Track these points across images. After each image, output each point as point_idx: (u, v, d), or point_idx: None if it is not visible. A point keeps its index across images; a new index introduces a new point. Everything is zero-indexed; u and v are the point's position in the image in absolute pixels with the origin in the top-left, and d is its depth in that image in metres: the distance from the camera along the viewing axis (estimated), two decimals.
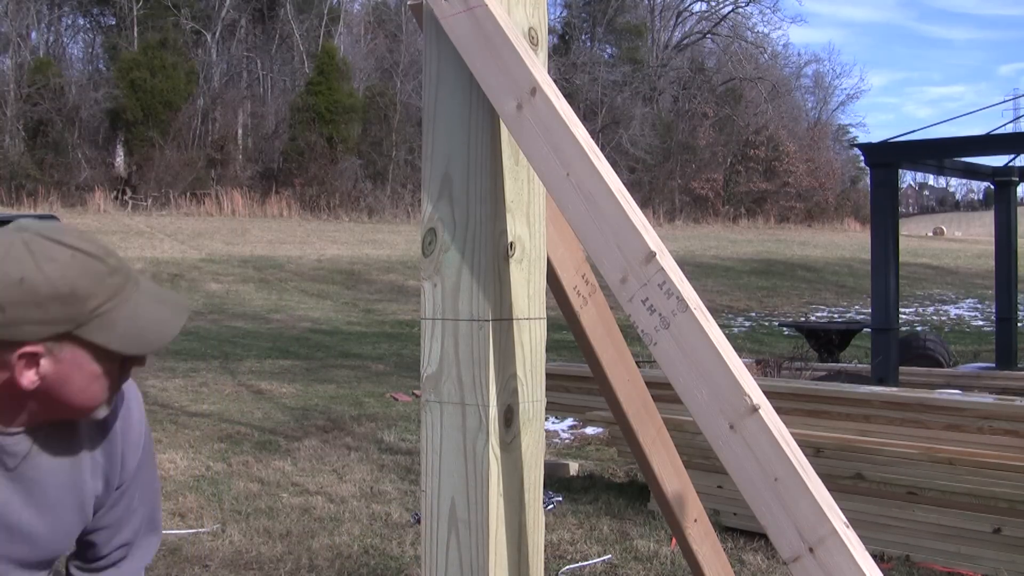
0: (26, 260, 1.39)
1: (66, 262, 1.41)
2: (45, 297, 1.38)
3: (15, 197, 34.06)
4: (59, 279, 1.39)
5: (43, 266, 1.39)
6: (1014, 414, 5.48)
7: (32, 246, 1.40)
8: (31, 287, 1.38)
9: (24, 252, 1.39)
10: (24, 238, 1.41)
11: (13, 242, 1.41)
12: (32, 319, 1.39)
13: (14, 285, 1.37)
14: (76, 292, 1.40)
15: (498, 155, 1.53)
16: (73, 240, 1.44)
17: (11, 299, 1.37)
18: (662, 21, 54.96)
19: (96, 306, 1.42)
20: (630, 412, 1.90)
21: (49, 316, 1.39)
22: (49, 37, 44.40)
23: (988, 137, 10.98)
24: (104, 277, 1.44)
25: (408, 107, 41.94)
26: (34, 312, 1.38)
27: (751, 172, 49.94)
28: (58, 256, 1.41)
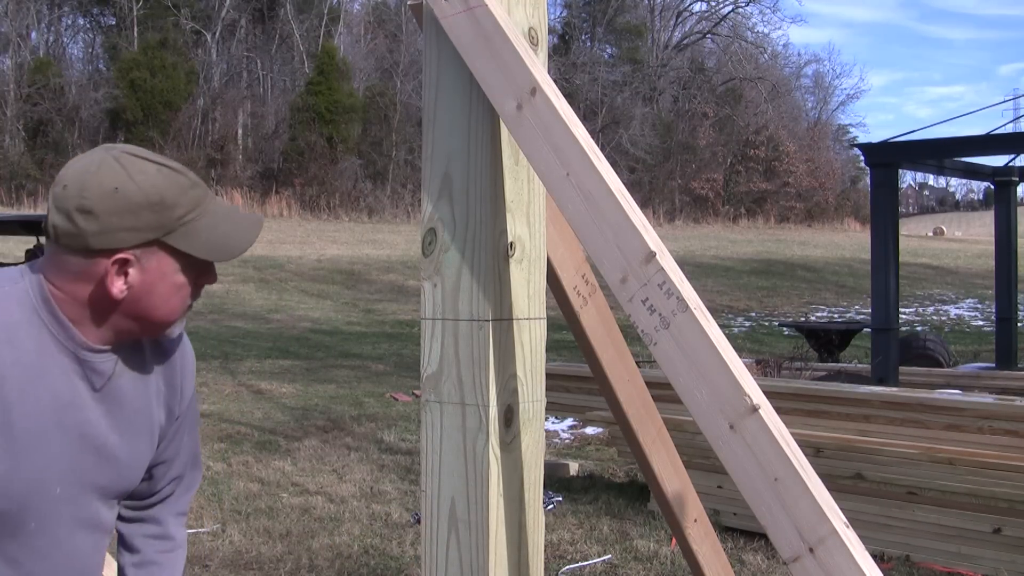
0: (119, 172, 1.49)
1: (154, 174, 1.51)
2: (137, 205, 1.48)
3: (15, 197, 34.05)
4: (150, 188, 1.49)
5: (135, 176, 1.49)
6: (1014, 414, 5.48)
7: (123, 161, 1.51)
8: (124, 195, 1.48)
9: (116, 165, 1.50)
10: (114, 154, 1.52)
11: (104, 158, 1.51)
12: (125, 226, 1.48)
13: (109, 194, 1.47)
14: (165, 200, 1.50)
15: (498, 155, 1.53)
16: (157, 157, 1.55)
17: (106, 207, 1.47)
18: (662, 21, 54.96)
19: (182, 215, 1.52)
20: (630, 412, 1.90)
21: (141, 223, 1.49)
22: (49, 37, 44.41)
23: (988, 137, 10.99)
24: (187, 189, 1.54)
25: (408, 107, 41.94)
26: (127, 219, 1.48)
27: (751, 172, 49.94)
28: (147, 169, 1.51)
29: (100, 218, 1.46)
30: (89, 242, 1.47)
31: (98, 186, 1.47)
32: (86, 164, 1.50)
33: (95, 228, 1.47)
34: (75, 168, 1.51)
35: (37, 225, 11.97)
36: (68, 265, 1.51)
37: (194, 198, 1.54)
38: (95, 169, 1.48)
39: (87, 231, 1.47)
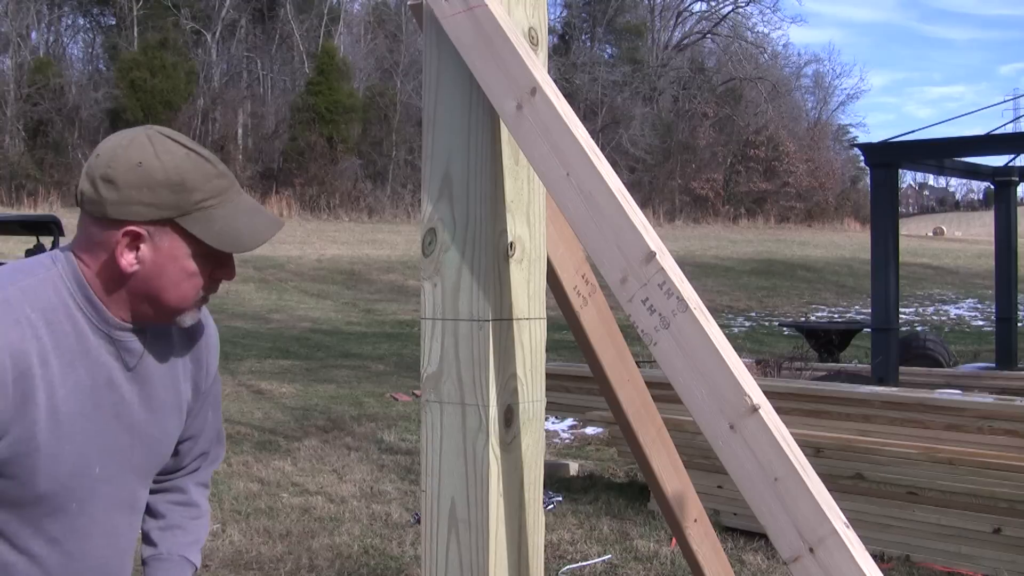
0: (147, 148, 1.54)
1: (182, 156, 1.55)
2: (157, 182, 1.52)
3: (15, 197, 34.07)
4: (172, 168, 1.53)
5: (161, 155, 1.54)
6: (1014, 414, 5.48)
7: (154, 140, 1.56)
8: (147, 171, 1.52)
9: (146, 142, 1.55)
10: (149, 133, 1.57)
11: (138, 135, 1.57)
12: (142, 200, 1.52)
13: (133, 167, 1.52)
14: (185, 182, 1.54)
15: (498, 155, 1.53)
16: (189, 143, 1.59)
17: (127, 180, 1.52)
18: (662, 21, 54.98)
19: (200, 199, 1.55)
20: (630, 412, 1.90)
21: (158, 199, 1.53)
22: (49, 37, 44.42)
23: (988, 137, 10.99)
24: (211, 177, 1.57)
25: (408, 107, 41.95)
26: (145, 194, 1.52)
27: (751, 172, 49.95)
28: (175, 151, 1.55)
29: (120, 189, 1.51)
30: (107, 210, 1.52)
31: (125, 159, 1.52)
32: (121, 138, 1.57)
33: (114, 197, 1.52)
34: (111, 141, 1.57)
35: (37, 225, 11.96)
36: (89, 232, 1.57)
37: (217, 187, 1.57)
38: (127, 143, 1.54)
39: (107, 199, 1.52)
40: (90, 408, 1.58)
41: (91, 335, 1.57)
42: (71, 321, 1.56)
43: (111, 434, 1.62)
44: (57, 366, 1.53)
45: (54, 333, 1.53)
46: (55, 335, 1.53)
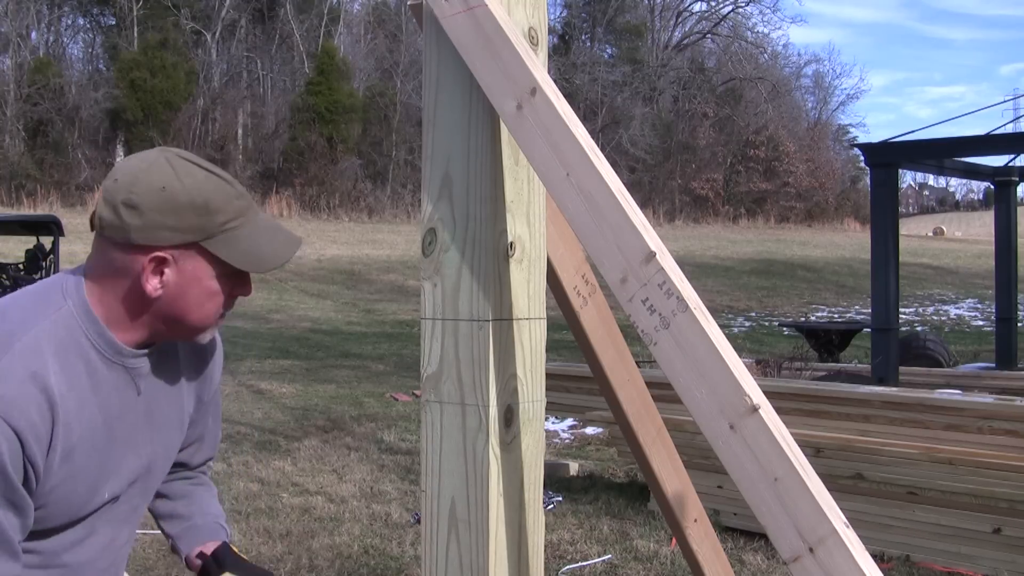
0: (168, 172, 1.54)
1: (203, 179, 1.55)
2: (182, 205, 1.52)
3: (15, 197, 34.06)
4: (196, 191, 1.53)
5: (183, 178, 1.53)
6: (1014, 414, 5.48)
7: (174, 163, 1.55)
8: (171, 195, 1.52)
9: (166, 166, 1.54)
10: (167, 156, 1.57)
11: (157, 158, 1.56)
12: (167, 224, 1.52)
13: (156, 192, 1.51)
14: (209, 205, 1.54)
15: (498, 155, 1.53)
16: (206, 164, 1.59)
17: (151, 204, 1.51)
18: (662, 21, 54.98)
19: (224, 221, 1.56)
20: (630, 412, 1.90)
21: (183, 223, 1.52)
22: (49, 37, 44.41)
23: (988, 137, 10.99)
24: (233, 198, 1.58)
25: (408, 107, 41.95)
26: (170, 218, 1.52)
27: (751, 172, 49.95)
28: (195, 173, 1.55)
29: (144, 214, 1.50)
30: (131, 236, 1.51)
31: (147, 183, 1.51)
32: (139, 162, 1.56)
33: (138, 223, 1.51)
34: (128, 165, 1.56)
35: (37, 225, 11.95)
36: (109, 258, 1.55)
37: (238, 208, 1.58)
38: (146, 167, 1.54)
39: (130, 225, 1.51)
40: (103, 442, 1.59)
41: (102, 368, 1.57)
42: (83, 359, 1.55)
43: (121, 459, 1.64)
44: (73, 408, 1.52)
45: (67, 374, 1.52)
46: (68, 376, 1.52)
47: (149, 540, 5.50)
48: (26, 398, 1.46)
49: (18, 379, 1.46)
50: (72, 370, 1.53)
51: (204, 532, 1.96)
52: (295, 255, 1.69)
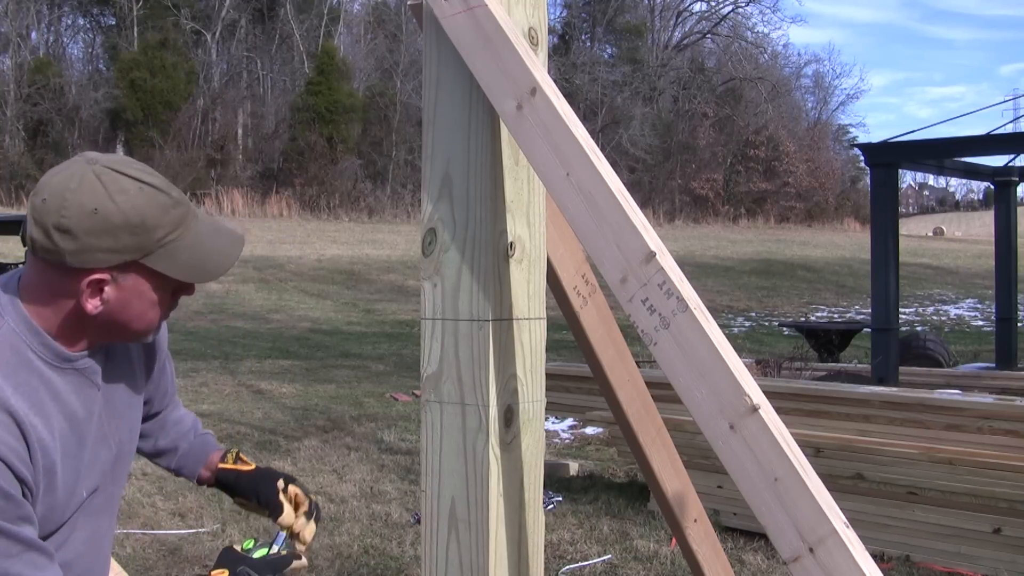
0: (99, 191, 1.46)
1: (136, 193, 1.48)
2: (117, 226, 1.46)
3: (15, 197, 34.05)
4: (130, 209, 1.47)
5: (115, 197, 1.46)
6: (1014, 414, 5.48)
7: (103, 178, 1.47)
8: (104, 216, 1.45)
9: (97, 184, 1.46)
10: (95, 170, 1.48)
11: (85, 174, 1.47)
12: (103, 247, 1.46)
13: (88, 215, 1.44)
14: (145, 222, 1.48)
15: (498, 155, 1.53)
16: (139, 174, 1.51)
17: (85, 227, 1.44)
18: (662, 21, 54.97)
19: (162, 236, 1.50)
20: (630, 412, 1.90)
21: (119, 244, 1.47)
22: (49, 37, 44.42)
23: (988, 137, 10.99)
24: (169, 208, 1.51)
25: (408, 107, 41.95)
26: (106, 240, 1.46)
27: (751, 172, 49.94)
28: (128, 188, 1.48)
29: (78, 238, 1.44)
30: (66, 260, 1.46)
31: (77, 205, 1.44)
32: (66, 178, 1.47)
33: (73, 247, 1.45)
34: (55, 181, 1.47)
35: None
36: (46, 278, 1.50)
37: (175, 218, 1.52)
38: (75, 186, 1.45)
39: (64, 249, 1.45)
40: (75, 447, 1.57)
41: (56, 377, 1.54)
42: (35, 374, 1.51)
43: (94, 456, 1.63)
44: (40, 423, 1.49)
45: (24, 393, 1.49)
46: (26, 395, 1.49)
47: (149, 540, 5.50)
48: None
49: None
50: (27, 387, 1.49)
51: (198, 452, 2.03)
52: (241, 256, 1.65)
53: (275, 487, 1.98)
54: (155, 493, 6.39)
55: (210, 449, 2.05)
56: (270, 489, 1.98)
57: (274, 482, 1.99)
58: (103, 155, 1.53)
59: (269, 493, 1.98)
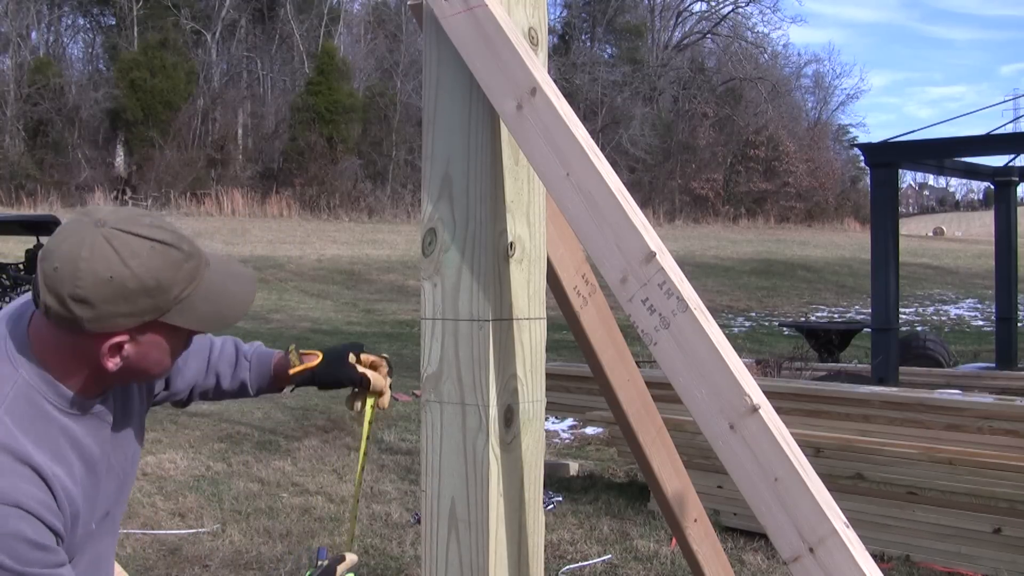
0: (111, 257, 1.44)
1: (148, 255, 1.47)
2: (133, 291, 1.46)
3: (15, 197, 34.06)
4: (145, 273, 1.46)
5: (129, 262, 1.45)
6: (1014, 414, 5.48)
7: (114, 242, 1.45)
8: (120, 283, 1.44)
9: (108, 249, 1.45)
10: (104, 234, 1.46)
11: (95, 239, 1.45)
12: (121, 312, 1.46)
13: (104, 283, 1.44)
14: (161, 284, 1.48)
15: (498, 155, 1.53)
16: (149, 231, 1.49)
17: (101, 295, 1.44)
18: (662, 21, 54.97)
19: (178, 293, 1.50)
20: (630, 412, 1.90)
21: (137, 308, 1.47)
22: (49, 37, 44.42)
23: (988, 137, 10.98)
24: (182, 264, 1.51)
25: (408, 107, 41.95)
26: (123, 306, 1.46)
27: (751, 172, 49.94)
28: (140, 250, 1.46)
29: (95, 306, 1.44)
30: (85, 327, 1.46)
31: (91, 273, 1.43)
32: (76, 245, 1.45)
33: (90, 315, 1.45)
34: (65, 249, 1.45)
35: (37, 225, 11.95)
36: (61, 340, 1.50)
37: (189, 272, 1.52)
38: (87, 254, 1.44)
39: (82, 317, 1.45)
40: (91, 488, 1.60)
41: (73, 425, 1.55)
42: (54, 424, 1.53)
43: (106, 491, 1.66)
44: (63, 473, 1.52)
45: (46, 447, 1.50)
46: (47, 448, 1.51)
47: (149, 540, 5.50)
48: (23, 480, 1.45)
49: (6, 469, 1.44)
50: (47, 439, 1.51)
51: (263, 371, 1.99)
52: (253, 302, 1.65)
53: (351, 365, 1.95)
54: (155, 493, 6.39)
55: (267, 360, 1.99)
56: (347, 370, 1.94)
57: (347, 361, 1.95)
58: (109, 212, 1.50)
59: (349, 374, 1.94)
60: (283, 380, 1.98)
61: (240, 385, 1.97)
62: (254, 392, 1.98)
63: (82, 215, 1.50)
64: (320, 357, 1.96)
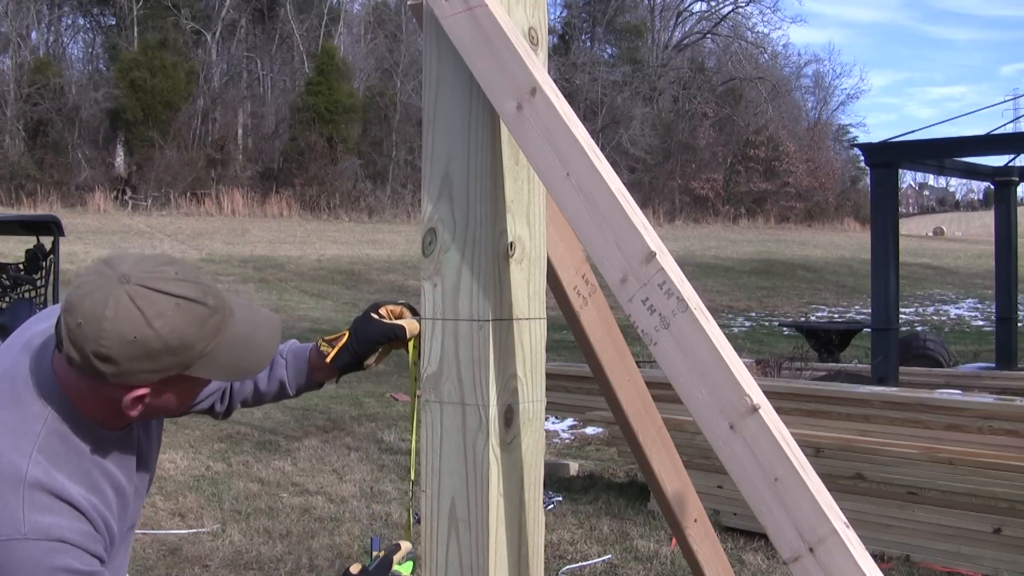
0: (136, 318, 1.44)
1: (173, 314, 1.46)
2: (157, 351, 1.46)
3: (15, 197, 34.04)
4: (169, 334, 1.46)
5: (153, 323, 1.45)
6: (1014, 414, 5.48)
7: (138, 301, 1.45)
8: (144, 343, 1.45)
9: (133, 309, 1.44)
10: (129, 291, 1.45)
11: (119, 298, 1.45)
12: (145, 369, 1.47)
13: (128, 343, 1.44)
14: (185, 342, 1.48)
15: (498, 155, 1.53)
16: (174, 286, 1.48)
17: (125, 355, 1.45)
18: (662, 21, 54.96)
19: (202, 349, 1.50)
20: (630, 412, 1.90)
21: (161, 366, 1.48)
22: (49, 37, 44.39)
23: (988, 137, 10.98)
24: (206, 320, 1.50)
25: (408, 107, 41.93)
26: (147, 364, 1.47)
27: (751, 172, 49.94)
28: (165, 309, 1.46)
29: (119, 364, 1.45)
30: (108, 379, 1.48)
31: (116, 334, 1.43)
32: (99, 302, 1.44)
33: (114, 371, 1.46)
34: (88, 304, 1.45)
35: (37, 225, 11.95)
36: (86, 384, 1.52)
37: (213, 327, 1.51)
38: (112, 314, 1.43)
39: (106, 372, 1.46)
40: (121, 511, 1.64)
41: (102, 458, 1.59)
42: (85, 457, 1.56)
43: (133, 510, 1.71)
44: (99, 503, 1.56)
45: (80, 479, 1.54)
46: (81, 480, 1.54)
47: (149, 540, 5.49)
48: (63, 516, 1.49)
49: (44, 506, 1.48)
50: (80, 472, 1.55)
51: (299, 368, 1.95)
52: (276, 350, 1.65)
53: (378, 322, 1.89)
54: (155, 493, 6.39)
55: (303, 356, 1.96)
56: (380, 327, 1.88)
57: (375, 320, 1.89)
58: (134, 264, 1.49)
59: (383, 331, 1.88)
60: (323, 372, 1.94)
61: (279, 385, 1.96)
62: (294, 391, 1.96)
63: (105, 267, 1.49)
64: (347, 333, 1.92)
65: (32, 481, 1.47)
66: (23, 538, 1.44)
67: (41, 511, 1.46)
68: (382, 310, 1.91)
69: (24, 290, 11.39)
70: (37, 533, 1.45)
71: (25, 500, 1.46)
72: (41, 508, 1.47)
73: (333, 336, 1.93)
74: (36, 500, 1.47)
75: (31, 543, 1.44)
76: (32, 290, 11.26)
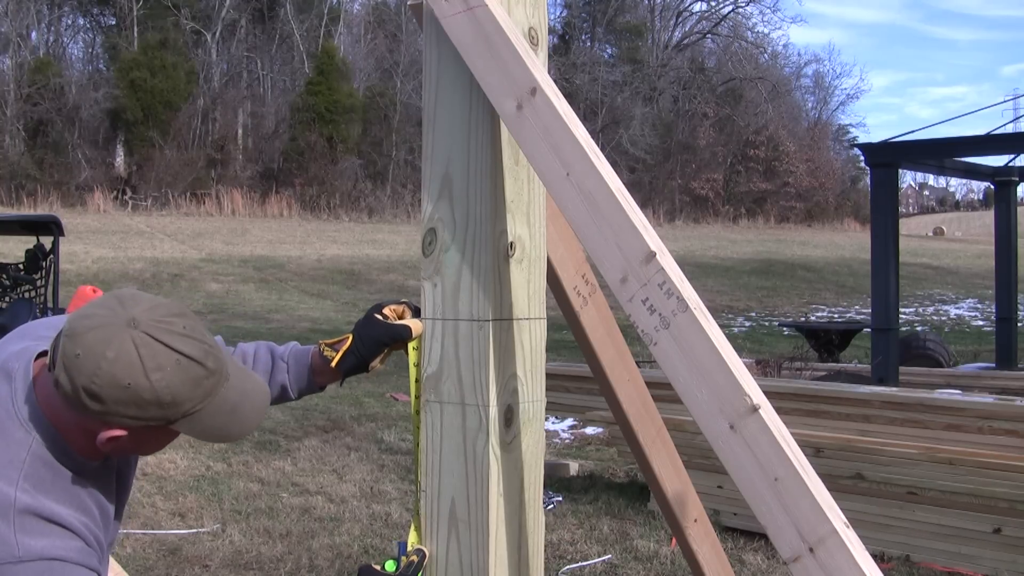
0: (135, 366, 1.44)
1: (172, 370, 1.46)
2: (147, 401, 1.46)
3: (15, 197, 34.04)
4: (163, 388, 1.46)
5: (151, 374, 1.44)
6: (1014, 414, 5.48)
7: (142, 350, 1.45)
8: (136, 392, 1.45)
9: (134, 356, 1.44)
10: (135, 338, 1.45)
11: (123, 342, 1.44)
12: (128, 415, 1.47)
13: (121, 388, 1.44)
14: (176, 399, 1.47)
15: (498, 155, 1.53)
16: (179, 342, 1.47)
17: (114, 397, 1.45)
18: (662, 21, 54.95)
19: (189, 409, 1.50)
20: (630, 412, 1.90)
21: (145, 415, 1.48)
22: (49, 37, 44.39)
23: (988, 137, 10.98)
24: (202, 381, 1.49)
25: (408, 107, 41.93)
26: (132, 410, 1.47)
27: (751, 172, 49.94)
28: (165, 363, 1.45)
29: (106, 404, 1.45)
30: (90, 414, 1.48)
31: (110, 376, 1.43)
32: (102, 340, 1.44)
33: (99, 408, 1.46)
34: (90, 339, 1.45)
35: (37, 225, 11.95)
36: (66, 410, 1.52)
37: (206, 390, 1.50)
38: (112, 356, 1.43)
39: (91, 408, 1.46)
40: (107, 527, 1.66)
41: (87, 480, 1.60)
42: (70, 479, 1.57)
43: (115, 525, 1.73)
44: (87, 521, 1.58)
45: (67, 501, 1.55)
46: (69, 502, 1.55)
47: (149, 540, 5.50)
48: (56, 536, 1.50)
49: (35, 529, 1.49)
50: (66, 494, 1.56)
51: (300, 372, 1.92)
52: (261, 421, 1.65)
53: (382, 324, 1.84)
54: (155, 493, 6.39)
55: (304, 359, 1.93)
56: (384, 329, 1.83)
57: (379, 322, 1.85)
58: (146, 309, 1.49)
59: (388, 332, 1.82)
60: (325, 375, 1.91)
61: (280, 389, 1.94)
62: (295, 395, 1.94)
63: (118, 304, 1.49)
64: (350, 336, 1.88)
65: (21, 507, 1.49)
66: (18, 561, 1.46)
67: (32, 535, 1.48)
68: (385, 310, 1.88)
69: (24, 290, 11.39)
70: (32, 555, 1.47)
71: (16, 526, 1.48)
72: (32, 532, 1.48)
73: (335, 340, 1.91)
74: (27, 525, 1.48)
75: (27, 565, 1.46)
76: (32, 290, 11.26)
